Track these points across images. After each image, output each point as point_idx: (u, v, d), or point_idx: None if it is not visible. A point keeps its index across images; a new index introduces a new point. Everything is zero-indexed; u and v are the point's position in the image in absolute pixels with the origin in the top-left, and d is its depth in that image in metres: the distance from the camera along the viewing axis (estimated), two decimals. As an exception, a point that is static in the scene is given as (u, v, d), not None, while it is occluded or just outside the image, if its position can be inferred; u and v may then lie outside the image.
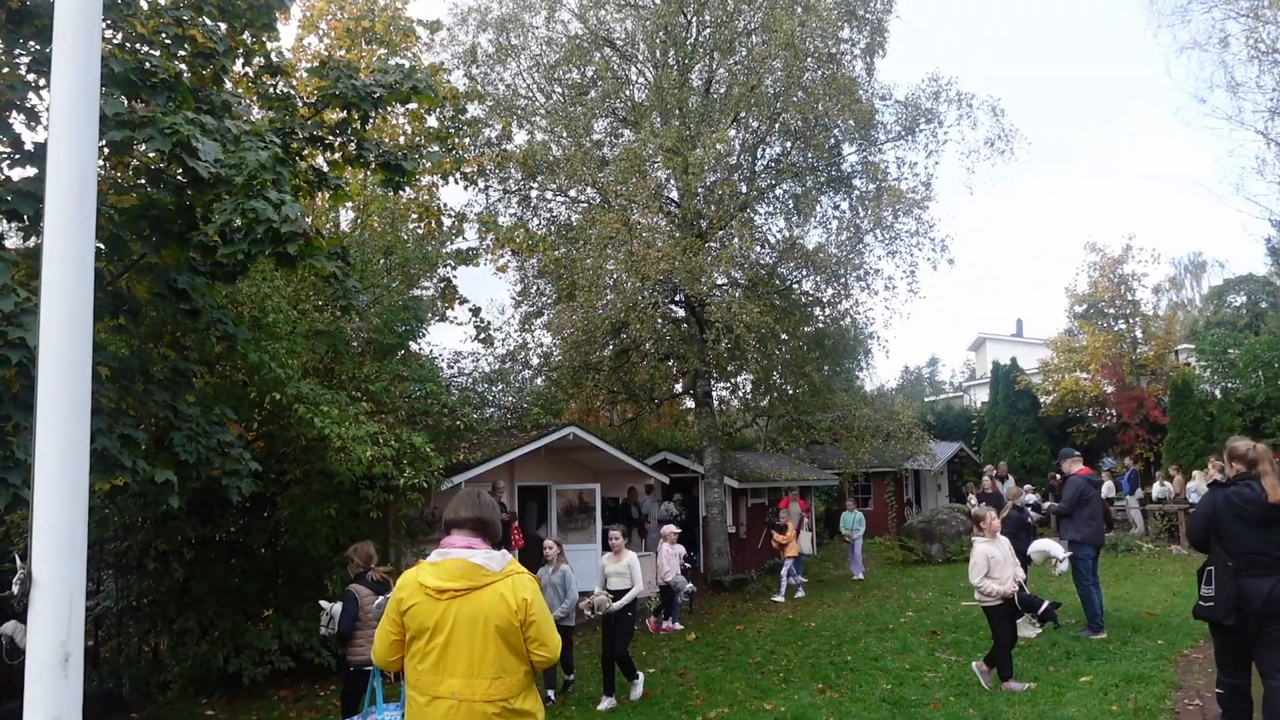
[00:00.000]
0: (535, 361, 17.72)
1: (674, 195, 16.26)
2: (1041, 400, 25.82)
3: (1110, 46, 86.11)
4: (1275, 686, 5.40)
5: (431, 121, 14.01)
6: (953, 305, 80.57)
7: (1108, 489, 19.51)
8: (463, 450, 12.01)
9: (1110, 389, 24.40)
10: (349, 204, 12.48)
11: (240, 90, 7.84)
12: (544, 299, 17.78)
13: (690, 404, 18.78)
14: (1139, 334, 25.24)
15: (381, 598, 6.81)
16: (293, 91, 7.66)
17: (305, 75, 10.27)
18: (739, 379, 18.07)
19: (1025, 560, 10.30)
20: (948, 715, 7.24)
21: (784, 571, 14.94)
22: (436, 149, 13.05)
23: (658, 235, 14.55)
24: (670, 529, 12.84)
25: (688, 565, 13.33)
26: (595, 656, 10.14)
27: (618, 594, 8.99)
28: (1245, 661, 5.59)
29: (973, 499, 15.67)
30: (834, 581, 16.58)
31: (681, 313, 16.80)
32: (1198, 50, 24.76)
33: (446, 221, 15.18)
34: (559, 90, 16.99)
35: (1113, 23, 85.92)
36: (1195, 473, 18.52)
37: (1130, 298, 25.22)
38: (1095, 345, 24.42)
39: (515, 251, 16.75)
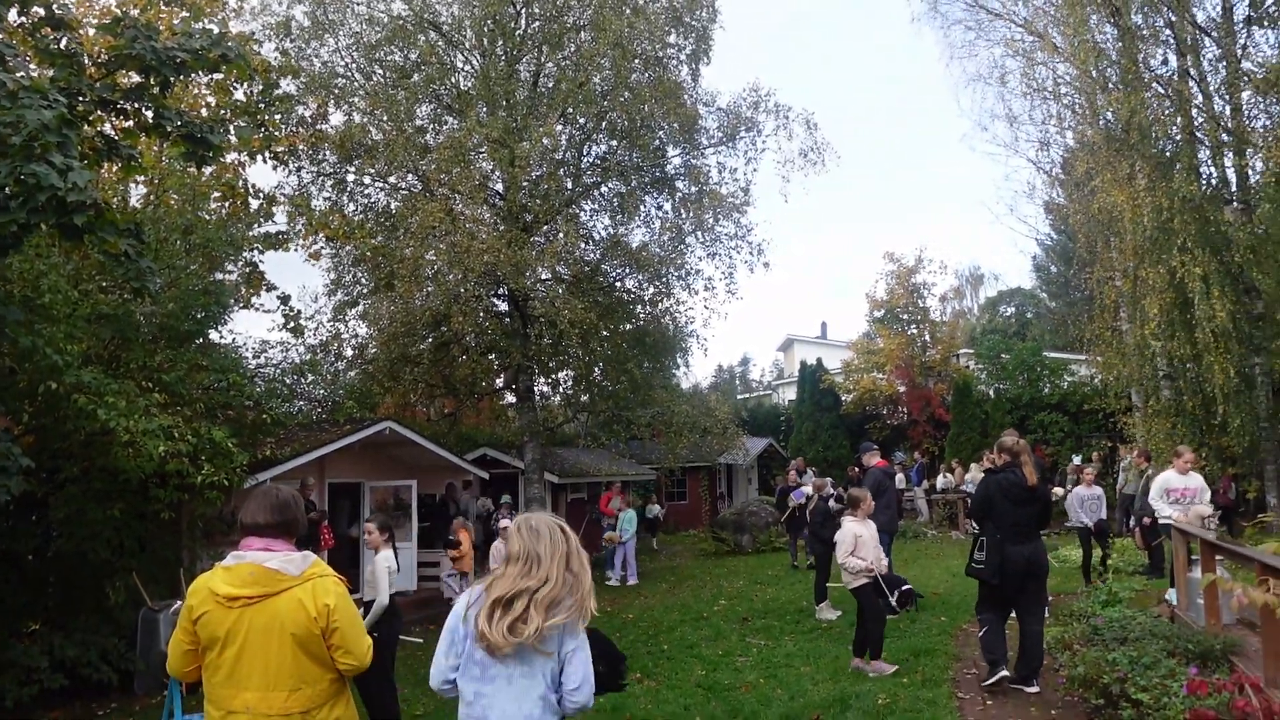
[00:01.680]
0: (349, 353, 16.96)
1: (499, 187, 16.04)
2: (843, 399, 27.54)
3: (913, 72, 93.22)
4: (1030, 631, 7.00)
5: (238, 95, 13.07)
6: (764, 307, 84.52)
7: (898, 480, 21.12)
8: (269, 445, 11.30)
9: (903, 388, 26.39)
10: (141, 178, 11.40)
11: (15, 42, 6.98)
12: (360, 288, 17.03)
13: (511, 399, 18.61)
14: (928, 338, 27.46)
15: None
16: (79, 49, 6.88)
17: (95, 32, 9.29)
18: (561, 374, 18.10)
19: (831, 545, 10.96)
20: (758, 697, 7.58)
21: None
22: (245, 124, 12.19)
23: (482, 227, 14.31)
24: (506, 523, 12.64)
25: None
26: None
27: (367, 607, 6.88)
28: (1005, 611, 7.18)
29: (804, 486, 16.11)
30: (651, 573, 16.94)
31: (504, 307, 16.60)
32: (982, 83, 27.29)
33: (254, 203, 14.21)
34: (380, 72, 16.34)
35: (916, 50, 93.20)
36: (972, 465, 20.38)
37: (921, 305, 27.40)
38: (891, 348, 26.35)
39: (330, 238, 15.94)
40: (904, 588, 8.00)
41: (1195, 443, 16.10)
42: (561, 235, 14.88)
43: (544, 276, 15.35)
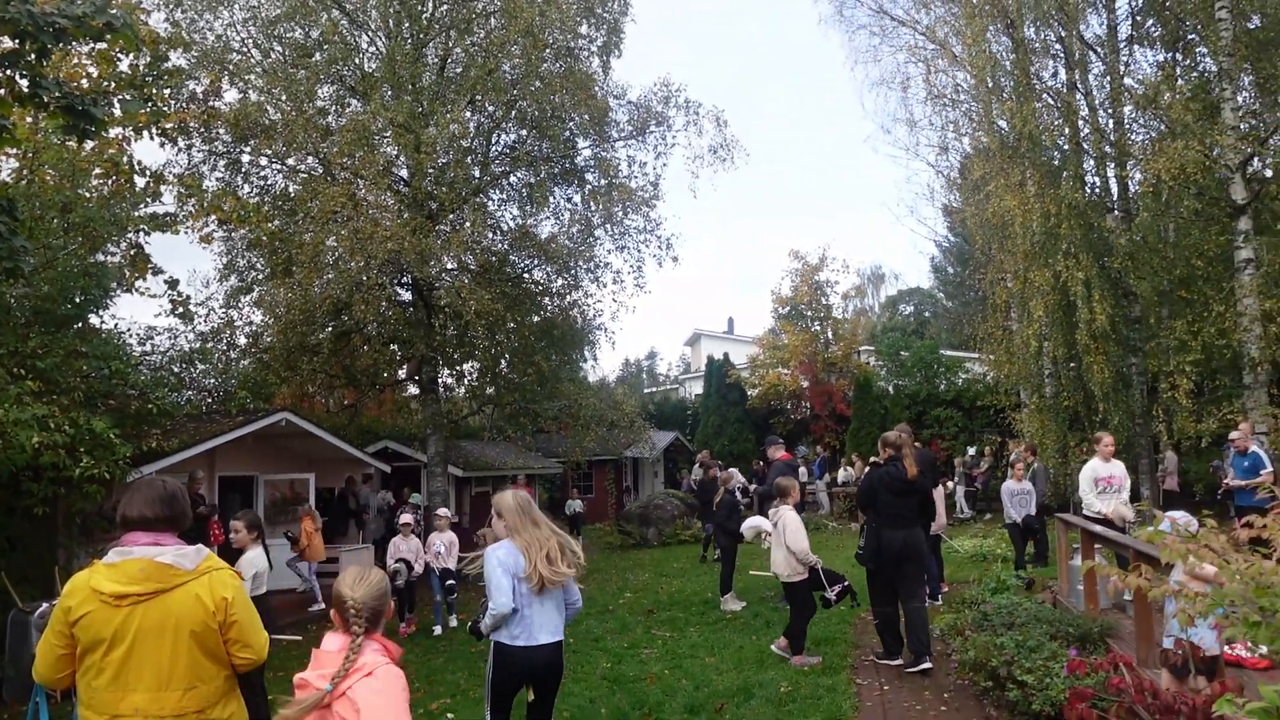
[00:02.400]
0: (243, 341, 16.24)
1: (404, 173, 15.62)
2: (749, 393, 27.99)
3: (823, 72, 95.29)
4: (912, 608, 7.46)
5: (124, 67, 12.32)
6: (673, 302, 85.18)
7: (801, 474, 21.58)
8: (154, 437, 10.73)
9: (806, 384, 27.01)
10: (14, 150, 10.64)
11: None
12: (255, 274, 16.34)
13: (415, 391, 18.19)
14: (830, 335, 28.18)
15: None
16: (-61, 7, 6.33)
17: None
18: (466, 366, 17.77)
19: (739, 537, 11.11)
20: (663, 688, 7.60)
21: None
22: (131, 98, 11.50)
23: (385, 213, 13.91)
24: (445, 512, 12.11)
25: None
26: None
27: None
28: (891, 593, 7.63)
29: (725, 481, 16.00)
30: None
31: (408, 296, 16.19)
32: (885, 87, 28.09)
33: (140, 181, 13.44)
34: (279, 49, 15.67)
35: (824, 51, 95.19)
36: (871, 458, 21.00)
37: (825, 302, 28.09)
38: (795, 344, 26.94)
39: (223, 221, 15.22)
40: (844, 584, 8.23)
41: (1077, 438, 17.03)
42: (468, 224, 14.59)
43: (450, 266, 15.04)
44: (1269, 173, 15.99)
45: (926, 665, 7.31)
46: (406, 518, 11.28)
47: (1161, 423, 16.20)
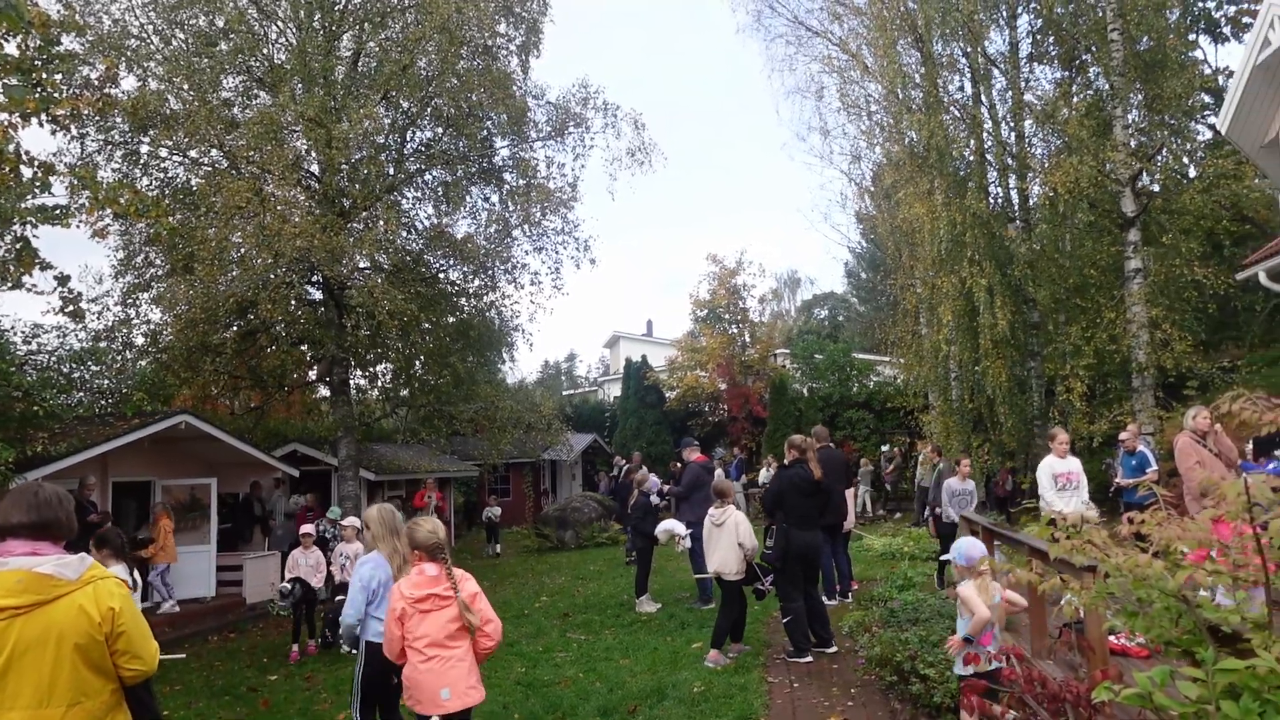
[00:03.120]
0: (140, 341, 15.52)
1: (314, 169, 15.19)
2: (667, 395, 28.16)
3: (743, 77, 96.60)
4: (813, 596, 8.01)
5: (10, 49, 11.63)
6: (592, 304, 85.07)
7: (718, 475, 21.79)
8: (41, 441, 10.17)
9: (723, 386, 27.32)
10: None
11: None
12: (154, 270, 15.63)
13: (325, 392, 17.68)
14: (748, 338, 28.58)
15: None
16: None
17: None
18: (379, 367, 17.39)
19: (654, 540, 11.14)
20: (577, 691, 7.57)
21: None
22: (17, 82, 10.85)
23: (295, 210, 13.49)
24: (353, 521, 11.71)
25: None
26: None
27: None
28: (799, 590, 7.90)
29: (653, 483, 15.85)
30: (472, 573, 16.61)
31: (319, 295, 15.74)
32: (800, 96, 28.67)
33: (27, 171, 12.69)
34: (181, 36, 15.04)
35: (742, 61, 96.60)
36: (786, 462, 21.37)
37: (742, 306, 28.47)
38: (713, 347, 27.22)
39: (119, 214, 14.49)
40: (771, 577, 8.40)
41: (980, 439, 17.69)
42: (382, 222, 14.28)
43: (362, 265, 14.68)
44: (1156, 187, 16.91)
45: (833, 649, 7.90)
46: (307, 528, 10.78)
47: (1057, 423, 16.93)
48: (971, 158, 17.84)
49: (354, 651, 5.46)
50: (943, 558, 9.49)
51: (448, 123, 15.65)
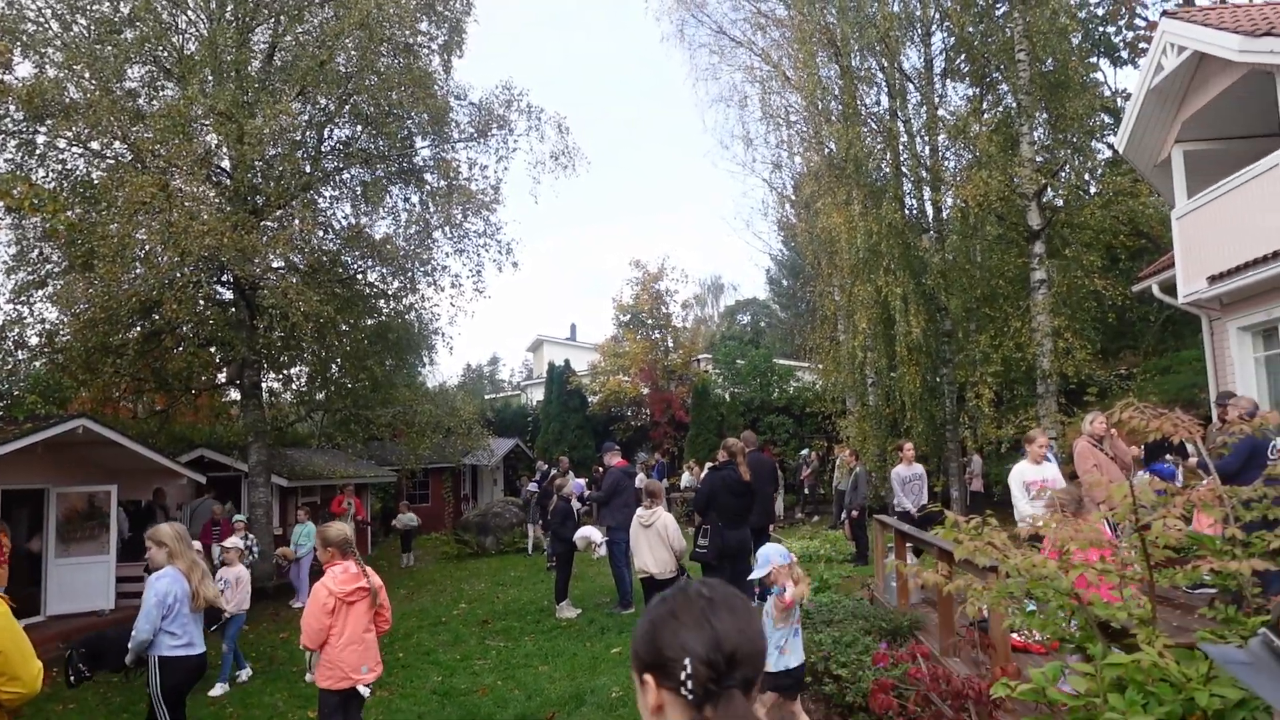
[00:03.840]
0: (34, 341, 14.72)
1: (226, 165, 14.67)
2: (590, 399, 28.10)
3: (668, 83, 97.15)
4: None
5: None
6: (516, 307, 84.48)
7: (640, 479, 21.84)
8: (-79, 447, 9.55)
9: (646, 390, 27.40)
10: None
11: None
12: (50, 266, 14.86)
13: (236, 396, 17.08)
14: (670, 343, 28.73)
15: None
16: None
17: None
18: (294, 370, 16.88)
19: (572, 545, 11.09)
20: (495, 699, 7.48)
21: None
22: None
23: (203, 206, 13.01)
24: (235, 543, 11.19)
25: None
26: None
27: None
28: None
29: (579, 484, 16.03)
30: (389, 580, 16.25)
31: (229, 295, 15.20)
32: (724, 104, 29.01)
33: (-91, 159, 11.97)
34: (83, 22, 14.37)
35: (668, 65, 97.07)
36: (708, 464, 21.56)
37: (665, 311, 28.62)
38: (636, 351, 27.28)
39: (11, 208, 13.75)
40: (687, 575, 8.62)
41: (894, 444, 18.17)
42: (297, 221, 13.88)
43: (276, 265, 14.25)
44: (1060, 202, 17.65)
45: None
46: (234, 541, 9.71)
47: (967, 428, 17.50)
48: (888, 169, 18.33)
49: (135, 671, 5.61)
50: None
51: (367, 121, 15.32)
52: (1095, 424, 8.64)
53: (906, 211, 18.05)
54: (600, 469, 14.09)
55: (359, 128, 15.66)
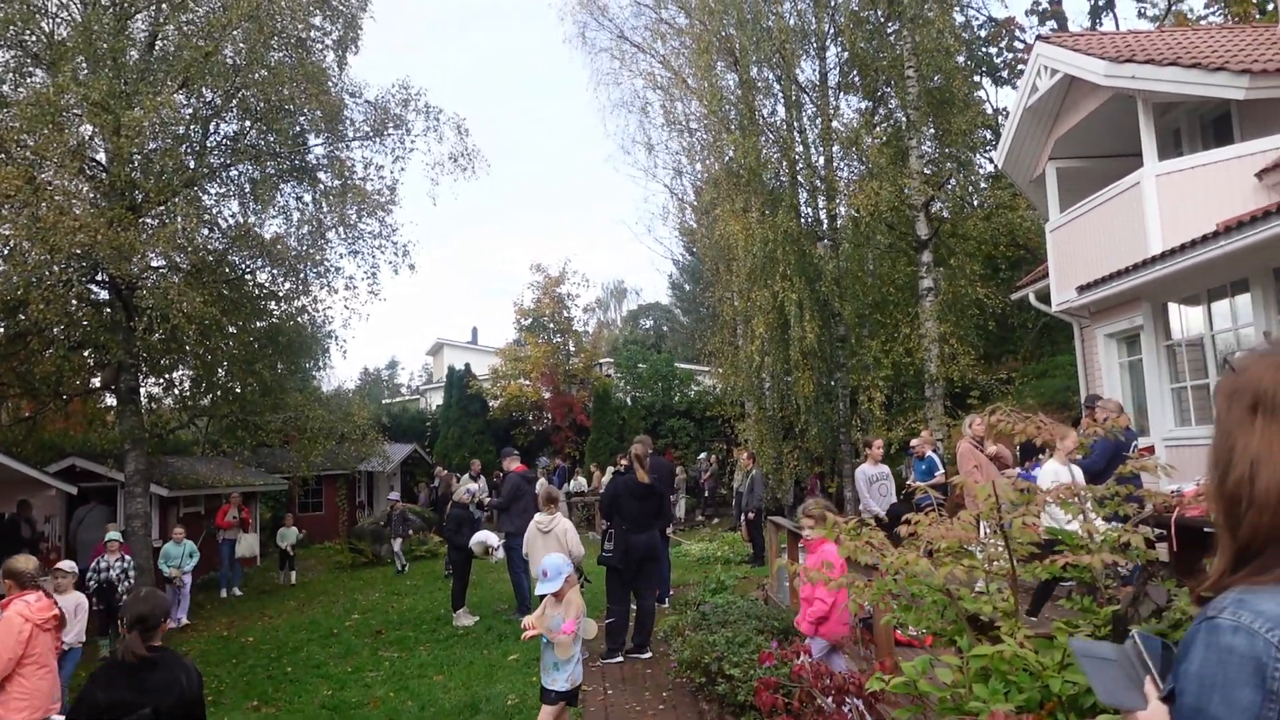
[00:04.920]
0: (-118, 343, 13.61)
1: (101, 158, 13.89)
2: (490, 404, 27.78)
3: (572, 86, 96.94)
4: (645, 606, 8.29)
5: None
6: (417, 310, 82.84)
7: (540, 485, 21.69)
8: None
9: (548, 395, 27.27)
10: None
11: None
12: (-99, 263, 13.75)
13: (111, 401, 16.15)
14: (572, 347, 28.68)
15: None
16: None
17: None
18: (176, 374, 16.08)
19: (468, 552, 10.93)
20: (387, 711, 7.32)
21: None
22: None
23: (75, 201, 12.28)
24: (69, 566, 10.48)
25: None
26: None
27: None
28: (627, 593, 8.25)
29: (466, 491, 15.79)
30: (279, 592, 15.71)
31: (105, 295, 14.39)
32: (625, 110, 29.14)
33: None
34: (-62, 2, 13.38)
35: (571, 68, 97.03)
36: (609, 468, 21.61)
37: (566, 315, 28.55)
38: (537, 355, 27.11)
39: None
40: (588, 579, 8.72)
41: (790, 446, 18.62)
42: (180, 219, 13.23)
43: (156, 264, 13.57)
44: (946, 213, 18.46)
45: (648, 655, 8.13)
46: (68, 564, 8.38)
47: (859, 431, 18.07)
48: (784, 178, 18.80)
49: None
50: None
51: (256, 116, 14.73)
52: (975, 426, 9.07)
53: (802, 219, 18.54)
54: (500, 474, 13.93)
55: (248, 123, 15.05)
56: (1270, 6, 13.11)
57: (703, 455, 24.37)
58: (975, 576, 3.14)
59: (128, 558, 11.50)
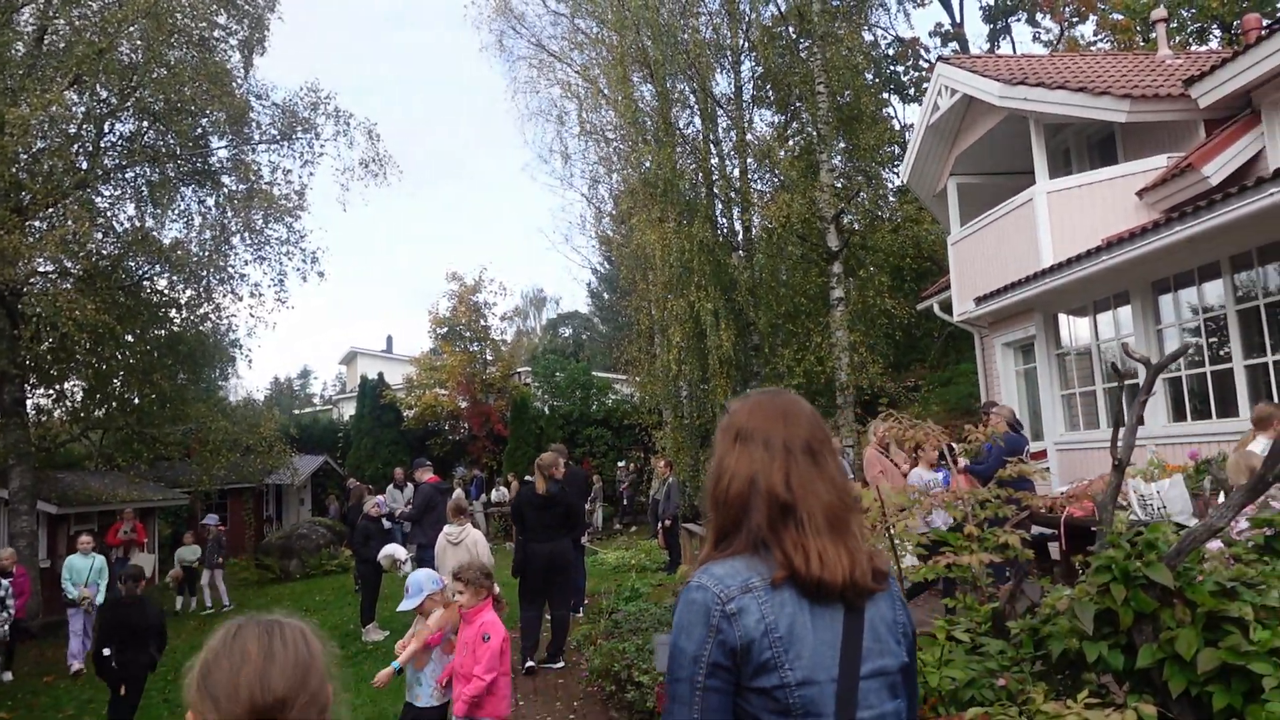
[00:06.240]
0: None
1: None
2: (405, 414, 27.26)
3: (487, 92, 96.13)
4: (556, 616, 8.36)
5: None
6: (331, 319, 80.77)
7: (457, 495, 21.40)
8: None
9: (464, 404, 26.91)
10: None
11: None
12: None
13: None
14: (489, 356, 28.37)
15: None
16: None
17: None
18: (67, 385, 15.32)
19: (376, 566, 10.69)
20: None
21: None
22: None
23: (-44, 202, 11.64)
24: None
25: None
26: None
27: None
28: (540, 599, 8.24)
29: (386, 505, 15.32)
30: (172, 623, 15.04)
31: (-12, 302, 13.63)
32: (543, 118, 29.04)
33: None
34: None
35: (489, 75, 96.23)
36: (528, 478, 21.45)
37: (483, 323, 28.24)
38: (453, 364, 26.73)
39: None
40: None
41: (708, 454, 18.80)
42: (70, 222, 12.64)
43: (44, 269, 12.93)
44: (856, 225, 18.97)
45: (560, 665, 8.08)
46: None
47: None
48: (701, 189, 19.03)
49: None
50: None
51: (155, 116, 14.20)
52: (879, 433, 9.34)
53: (718, 230, 18.79)
54: (412, 485, 13.70)
55: (145, 123, 14.48)
56: (1152, 35, 13.92)
57: (621, 464, 24.40)
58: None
59: (3, 583, 10.55)
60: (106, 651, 7.29)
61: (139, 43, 13.28)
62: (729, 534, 1.52)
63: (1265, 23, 10.66)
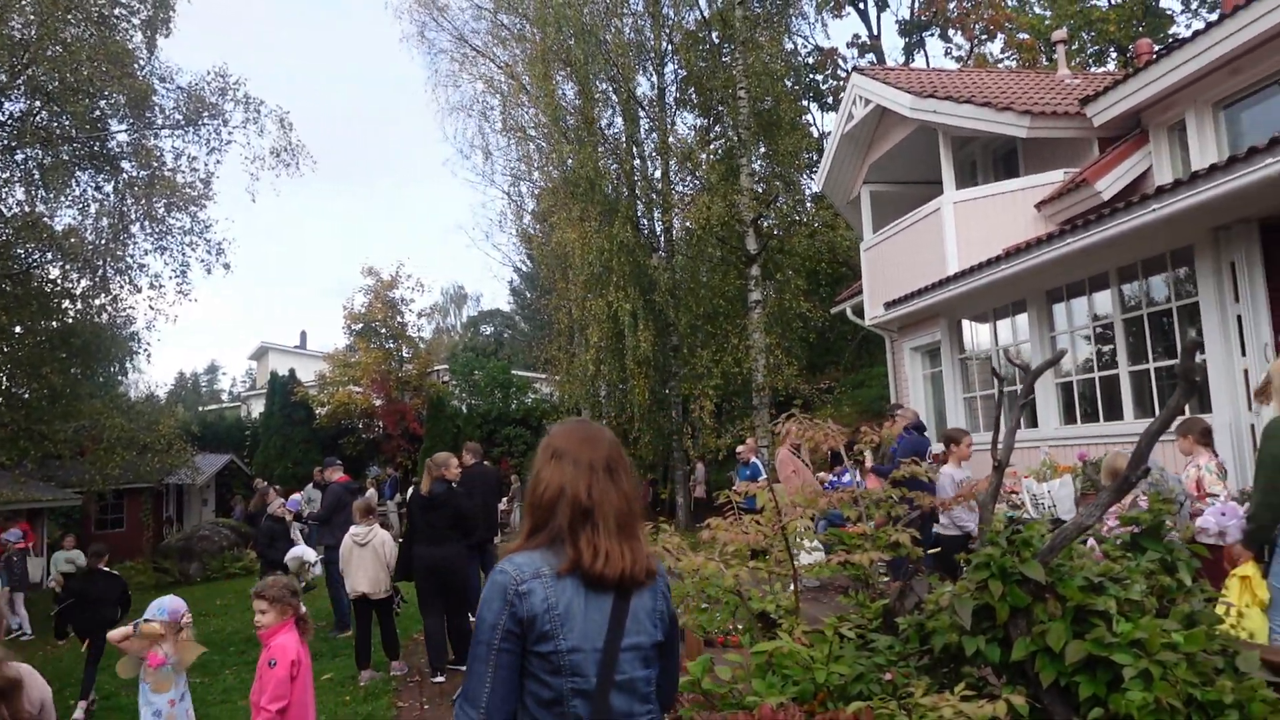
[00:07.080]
0: None
1: None
2: (318, 412, 26.55)
3: (405, 83, 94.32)
4: (455, 626, 8.01)
5: None
6: (242, 312, 78.10)
7: (371, 495, 20.93)
8: None
9: (379, 402, 26.35)
10: None
11: None
12: None
13: None
14: (406, 353, 27.85)
15: None
16: None
17: None
18: (-54, 379, 14.46)
19: (285, 569, 10.38)
20: (179, 741, 6.81)
21: None
22: None
23: None
24: None
25: None
26: None
27: None
28: (438, 605, 7.86)
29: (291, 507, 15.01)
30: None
31: None
32: (464, 113, 28.72)
33: None
34: None
35: (409, 65, 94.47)
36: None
37: (400, 320, 27.70)
38: (368, 361, 26.14)
39: None
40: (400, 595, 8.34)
41: (627, 452, 18.84)
42: (-47, 205, 11.93)
43: (-77, 254, 12.17)
44: (775, 229, 19.29)
45: (440, 679, 7.79)
46: None
47: (690, 438, 18.55)
48: (622, 189, 19.08)
49: None
50: None
51: (49, 96, 13.48)
52: (791, 434, 9.52)
53: (638, 231, 18.87)
54: (322, 485, 13.35)
55: (38, 102, 13.74)
56: (1055, 56, 14.55)
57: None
58: (765, 576, 3.29)
59: None
60: None
61: (32, 17, 12.59)
62: (536, 531, 1.87)
63: (1155, 48, 11.26)
